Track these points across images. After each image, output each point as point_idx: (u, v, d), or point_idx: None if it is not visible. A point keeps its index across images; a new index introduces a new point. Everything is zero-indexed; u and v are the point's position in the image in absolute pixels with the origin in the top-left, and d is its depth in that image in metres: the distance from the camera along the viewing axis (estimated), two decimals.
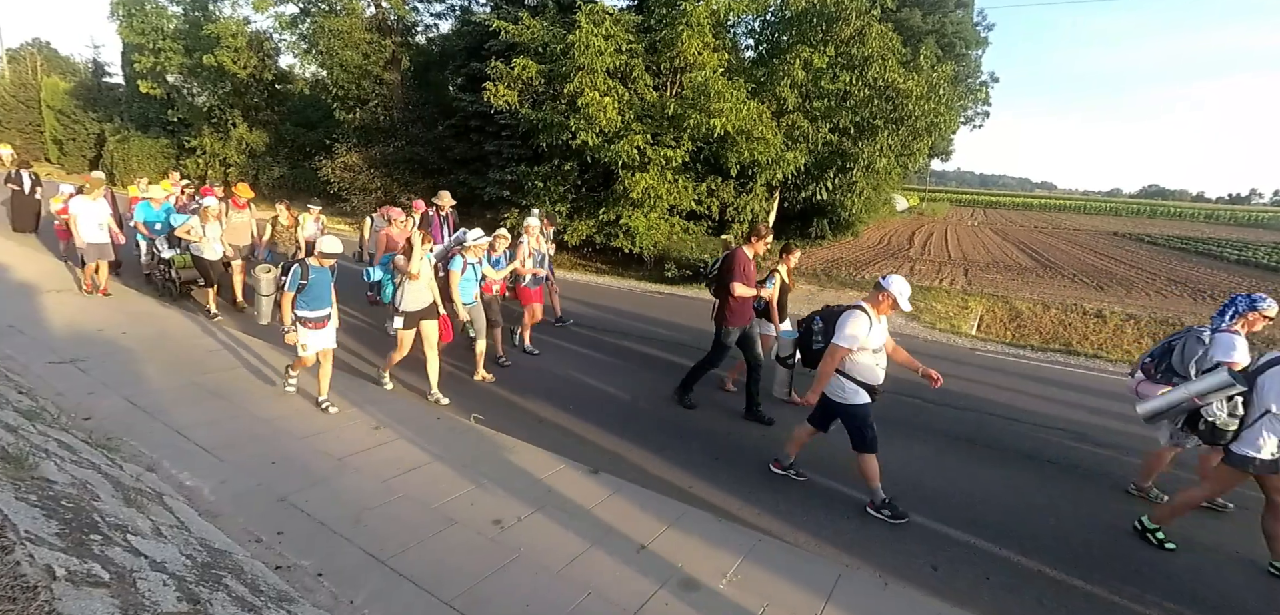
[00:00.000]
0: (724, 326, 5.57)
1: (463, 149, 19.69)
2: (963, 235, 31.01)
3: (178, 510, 3.22)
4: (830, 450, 5.15)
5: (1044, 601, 3.39)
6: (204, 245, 7.69)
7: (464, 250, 6.06)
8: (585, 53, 13.54)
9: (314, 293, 4.98)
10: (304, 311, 4.97)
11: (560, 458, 4.65)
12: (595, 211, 16.24)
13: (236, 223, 8.35)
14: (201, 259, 7.75)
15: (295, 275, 4.88)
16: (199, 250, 7.72)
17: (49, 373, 5.33)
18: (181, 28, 26.34)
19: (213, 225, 7.75)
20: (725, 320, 5.55)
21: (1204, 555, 3.87)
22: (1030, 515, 4.25)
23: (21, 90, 40.42)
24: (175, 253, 8.39)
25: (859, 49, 14.98)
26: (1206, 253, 26.56)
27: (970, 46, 35.87)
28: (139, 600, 1.86)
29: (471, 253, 6.11)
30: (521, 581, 3.17)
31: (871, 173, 17.87)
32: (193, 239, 7.68)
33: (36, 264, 9.95)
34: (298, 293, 4.90)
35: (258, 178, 26.87)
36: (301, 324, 4.97)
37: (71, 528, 2.10)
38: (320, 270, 5.01)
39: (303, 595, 2.83)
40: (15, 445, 2.76)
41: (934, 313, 11.45)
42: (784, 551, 3.63)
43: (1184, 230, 42.46)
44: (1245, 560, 3.81)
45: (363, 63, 21.68)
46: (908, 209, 46.83)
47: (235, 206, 8.44)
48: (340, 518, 3.58)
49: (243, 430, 4.67)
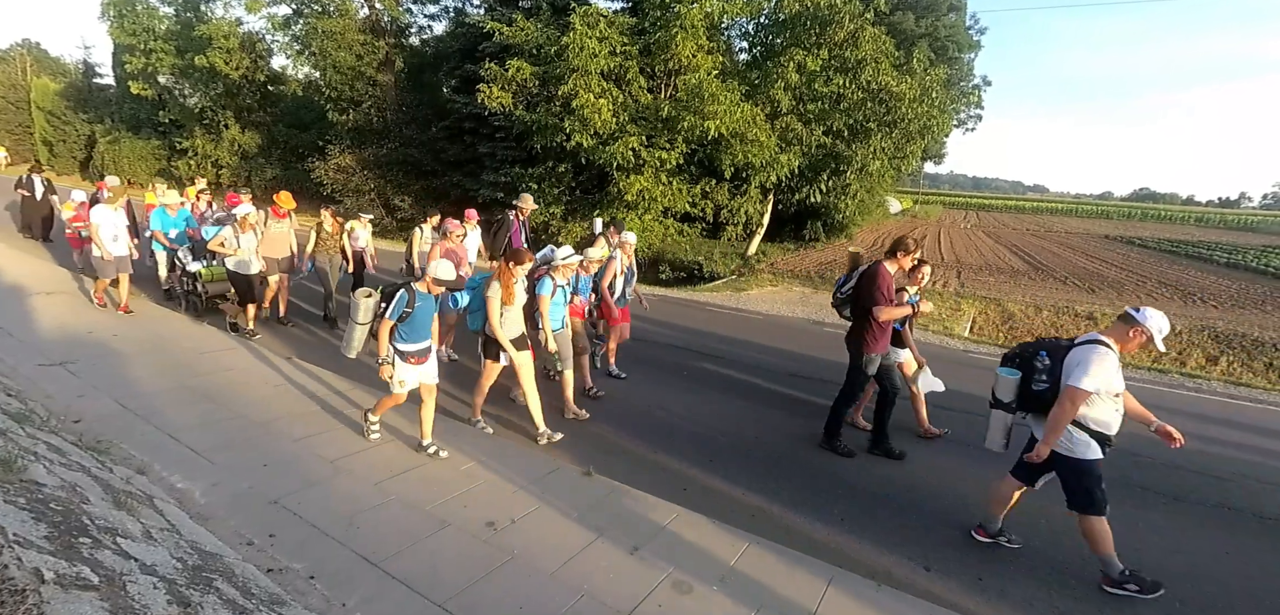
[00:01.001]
0: (864, 354, 4.85)
1: (457, 151, 19.66)
2: (956, 238, 31.18)
3: (168, 513, 3.20)
4: (825, 451, 5.17)
5: (1035, 603, 3.41)
6: (240, 258, 7.19)
7: (553, 270, 5.27)
8: (579, 55, 13.56)
9: (418, 322, 4.36)
10: (404, 344, 4.35)
11: (553, 460, 4.65)
12: (590, 213, 16.25)
13: (275, 233, 7.71)
14: (238, 273, 7.22)
15: (400, 301, 4.24)
16: (237, 264, 7.19)
17: (38, 375, 5.28)
18: (173, 29, 26.21)
19: (248, 236, 7.21)
20: (865, 346, 4.83)
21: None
22: (1026, 517, 4.28)
23: (11, 91, 40.13)
24: (202, 265, 7.90)
25: (852, 52, 15.08)
26: (1197, 255, 26.83)
27: (963, 50, 36.14)
28: (129, 603, 1.85)
29: (561, 273, 5.31)
30: (515, 583, 3.16)
31: (865, 175, 17.98)
32: (227, 252, 7.12)
33: (26, 266, 9.84)
34: (399, 321, 4.27)
35: (250, 179, 26.73)
36: (401, 358, 4.35)
37: (61, 531, 2.08)
38: (427, 297, 4.38)
39: (295, 598, 2.82)
40: (4, 448, 2.74)
41: (926, 315, 11.47)
42: (777, 553, 3.63)
43: (1174, 233, 42.89)
44: None
45: (356, 64, 21.61)
46: (901, 211, 47.10)
47: (275, 215, 7.79)
48: (333, 520, 3.57)
49: (234, 433, 4.64)
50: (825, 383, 6.90)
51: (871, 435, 5.15)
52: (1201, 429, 6.00)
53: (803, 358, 8.09)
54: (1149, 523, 4.30)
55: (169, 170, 29.79)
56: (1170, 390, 7.56)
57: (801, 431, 5.60)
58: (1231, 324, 11.76)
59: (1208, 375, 8.45)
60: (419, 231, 8.14)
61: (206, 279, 7.82)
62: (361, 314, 4.43)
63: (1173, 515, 4.42)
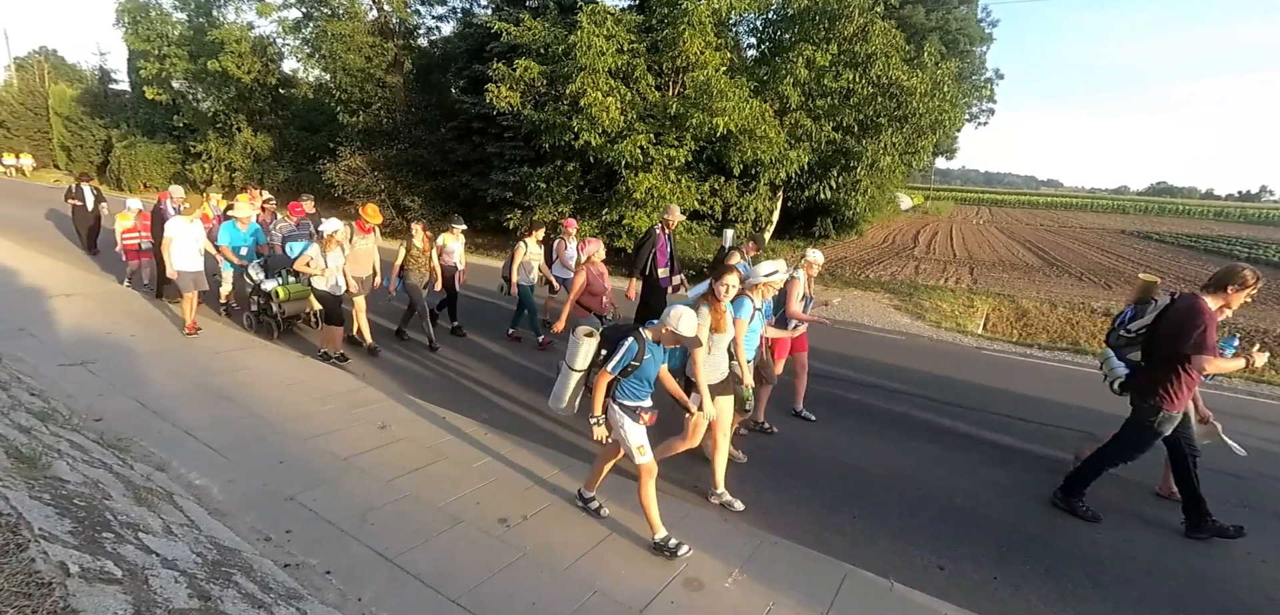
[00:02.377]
0: (1161, 410, 3.82)
1: (465, 151, 19.73)
2: (968, 234, 30.88)
3: (187, 509, 3.25)
4: (830, 451, 5.16)
5: (1051, 602, 3.38)
6: (325, 277, 6.52)
7: (752, 290, 4.39)
8: (587, 53, 13.55)
9: (645, 375, 3.55)
10: (629, 399, 3.52)
11: (563, 457, 4.67)
12: (598, 212, 16.25)
13: (360, 250, 7.14)
14: (325, 294, 6.58)
15: (628, 352, 3.41)
16: (323, 284, 6.54)
17: (59, 375, 5.38)
18: (186, 34, 26.52)
19: (335, 253, 6.54)
20: (1163, 401, 3.79)
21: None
22: (1037, 515, 4.24)
23: (29, 98, 40.80)
24: (278, 282, 7.27)
25: (862, 46, 14.95)
26: (1216, 250, 26.39)
27: (974, 43, 35.72)
28: (151, 597, 1.89)
29: (760, 293, 4.46)
30: (527, 580, 3.18)
31: (875, 171, 17.82)
32: (313, 272, 6.51)
33: (45, 267, 10.02)
34: (622, 374, 3.47)
35: (263, 182, 27.00)
36: (628, 416, 3.51)
37: (84, 526, 2.12)
38: (656, 348, 3.56)
39: (311, 592, 2.85)
40: (28, 446, 2.79)
41: (939, 312, 11.42)
42: (789, 552, 3.63)
43: (1193, 228, 42.23)
44: None
45: (365, 66, 21.76)
46: (912, 208, 46.68)
47: (360, 230, 7.22)
48: (347, 516, 3.61)
49: (250, 431, 4.70)
50: (844, 379, 6.88)
51: (1187, 512, 4.06)
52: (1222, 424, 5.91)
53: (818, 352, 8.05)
54: (1163, 521, 4.24)
55: (184, 173, 30.17)
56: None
57: (808, 428, 5.58)
58: (1252, 320, 11.56)
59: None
60: (523, 246, 7.58)
61: (284, 299, 7.23)
62: (579, 358, 3.64)
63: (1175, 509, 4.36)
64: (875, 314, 11.03)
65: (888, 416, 6.08)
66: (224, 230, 7.84)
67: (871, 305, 11.81)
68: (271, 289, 7.26)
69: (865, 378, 7.22)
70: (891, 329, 10.08)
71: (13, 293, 8.30)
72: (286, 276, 7.29)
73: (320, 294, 6.62)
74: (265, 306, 7.44)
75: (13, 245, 11.72)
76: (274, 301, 7.28)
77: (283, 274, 7.34)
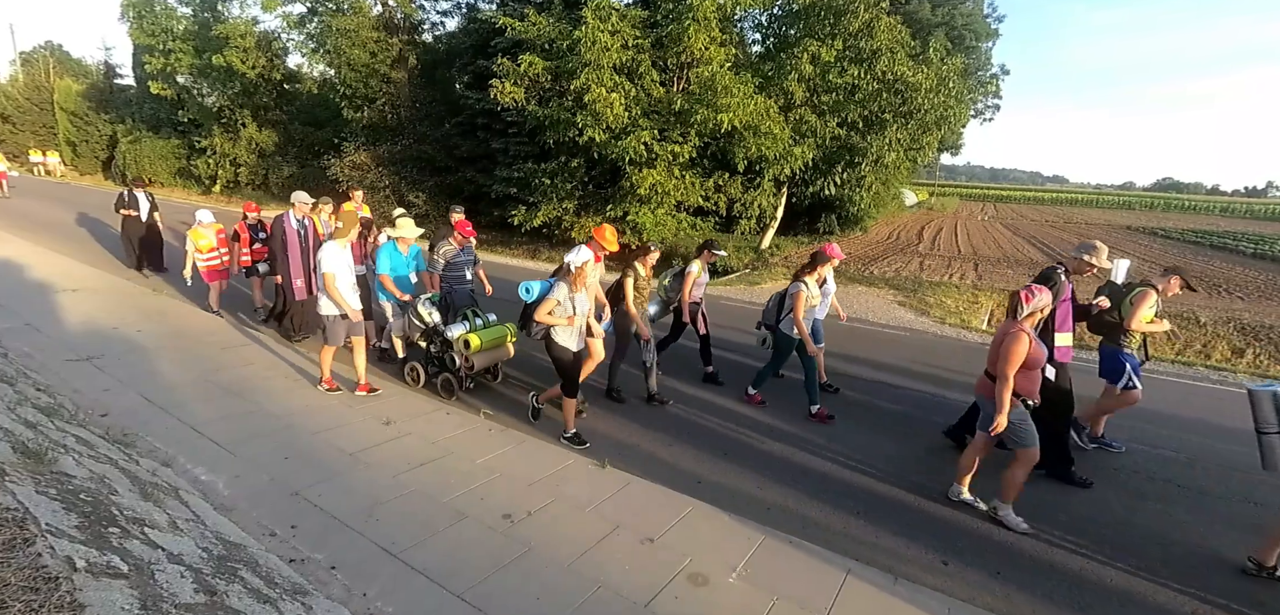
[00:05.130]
0: None
1: (470, 147, 19.75)
2: (973, 230, 30.75)
3: (193, 504, 3.27)
4: (842, 444, 5.15)
5: (1056, 597, 3.37)
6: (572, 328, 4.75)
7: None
8: (592, 49, 13.52)
9: None
10: None
11: (569, 451, 4.67)
12: (603, 208, 16.24)
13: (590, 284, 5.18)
14: (564, 351, 4.75)
15: None
16: (569, 340, 4.76)
17: (66, 370, 5.41)
18: (191, 29, 26.54)
19: (582, 296, 4.77)
20: None
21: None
22: (1042, 508, 4.22)
23: (35, 93, 40.90)
24: (464, 328, 5.62)
25: (867, 42, 14.87)
26: (1222, 246, 26.22)
27: (980, 38, 35.48)
28: (157, 591, 1.89)
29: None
30: (532, 575, 3.19)
31: (880, 167, 17.76)
32: (557, 321, 4.66)
33: (52, 263, 10.05)
34: None
35: (267, 177, 27.08)
36: None
37: (91, 521, 2.13)
38: None
39: (317, 588, 2.86)
40: (35, 441, 2.81)
41: (944, 308, 11.37)
42: (794, 546, 3.62)
43: (1199, 223, 41.97)
44: None
45: (370, 61, 21.78)
46: (917, 204, 46.52)
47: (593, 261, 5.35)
48: (353, 512, 3.62)
49: (256, 426, 4.72)
50: (847, 375, 6.86)
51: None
52: (1228, 423, 5.88)
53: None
54: (1172, 518, 4.23)
55: (188, 169, 30.27)
56: (1195, 384, 7.41)
57: (812, 424, 5.56)
58: (1258, 315, 11.48)
59: (1234, 367, 8.26)
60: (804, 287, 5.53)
61: (477, 348, 5.51)
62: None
63: (1197, 510, 4.34)
64: (880, 310, 11.00)
65: (891, 412, 6.07)
66: (383, 254, 6.08)
67: (876, 301, 11.77)
68: (457, 336, 5.55)
69: (869, 374, 7.20)
70: (896, 325, 10.05)
71: (21, 287, 8.34)
72: (473, 318, 5.82)
73: (559, 351, 4.78)
74: (444, 357, 5.76)
75: (21, 240, 11.78)
76: (458, 352, 5.57)
77: (468, 315, 5.84)
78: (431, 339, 5.80)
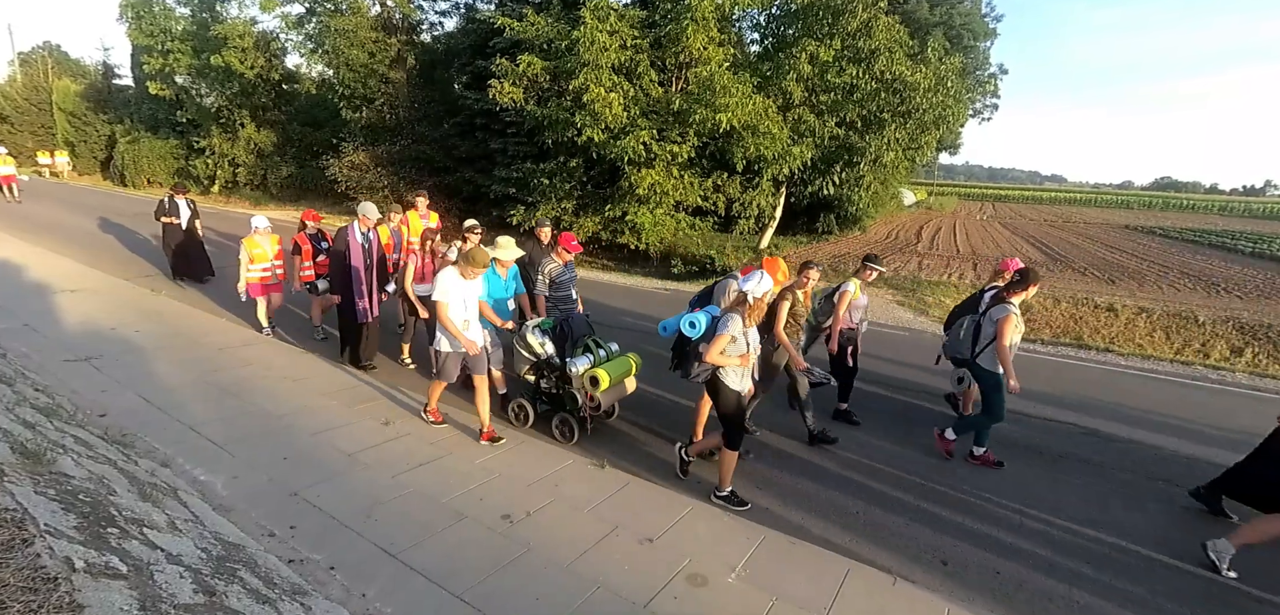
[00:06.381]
0: None
1: (468, 147, 19.73)
2: (971, 230, 30.75)
3: (192, 505, 3.26)
4: (841, 443, 5.15)
5: (1054, 598, 3.37)
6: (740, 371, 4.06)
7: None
8: (590, 49, 13.51)
9: None
10: None
11: (568, 453, 4.67)
12: (601, 208, 16.24)
13: None
14: (732, 396, 4.06)
15: None
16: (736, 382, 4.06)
17: (64, 370, 5.40)
18: (189, 29, 26.50)
19: (754, 332, 4.06)
20: None
21: None
22: (1039, 510, 4.23)
23: (34, 93, 40.78)
24: (588, 362, 4.87)
25: (866, 42, 14.88)
26: (1220, 245, 26.23)
27: (978, 38, 35.51)
28: (156, 592, 1.89)
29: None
30: (531, 575, 3.19)
31: (879, 167, 17.74)
32: (730, 361, 3.98)
33: (50, 264, 10.03)
34: None
35: (266, 178, 27.04)
36: None
37: (89, 521, 2.13)
38: None
39: (316, 588, 2.86)
40: (33, 441, 2.80)
41: (943, 307, 11.37)
42: (793, 546, 3.63)
43: (1197, 222, 42.01)
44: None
45: (369, 61, 21.74)
46: (915, 203, 46.51)
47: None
48: (352, 512, 3.61)
49: (254, 426, 4.71)
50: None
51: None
52: (1227, 421, 5.89)
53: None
54: (1179, 519, 4.24)
55: (187, 169, 30.21)
56: (1193, 383, 7.42)
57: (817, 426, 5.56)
58: (1257, 314, 11.50)
59: (1233, 367, 8.27)
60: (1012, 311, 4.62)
61: (605, 386, 4.72)
62: None
63: (1203, 513, 4.35)
64: (878, 310, 11.00)
65: (890, 412, 6.07)
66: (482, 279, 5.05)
67: (874, 301, 11.77)
68: (582, 371, 4.79)
69: (868, 373, 7.19)
70: (894, 324, 10.06)
71: (19, 288, 8.33)
72: (595, 348, 5.04)
73: (727, 395, 4.06)
74: (559, 394, 5.02)
75: (13, 239, 11.76)
76: (582, 390, 4.80)
77: (589, 345, 5.06)
78: (542, 373, 5.03)
